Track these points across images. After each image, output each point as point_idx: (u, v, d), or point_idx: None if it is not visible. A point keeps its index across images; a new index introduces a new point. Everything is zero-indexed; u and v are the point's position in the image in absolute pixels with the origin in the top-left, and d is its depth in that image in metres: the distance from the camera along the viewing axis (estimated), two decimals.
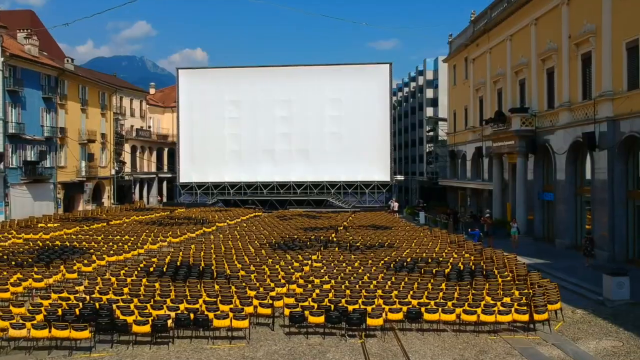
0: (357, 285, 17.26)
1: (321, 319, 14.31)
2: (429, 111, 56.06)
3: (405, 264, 21.15)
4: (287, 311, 14.70)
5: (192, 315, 13.89)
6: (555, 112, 28.14)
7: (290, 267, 20.27)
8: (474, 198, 41.26)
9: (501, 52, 35.88)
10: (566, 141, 26.78)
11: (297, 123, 58.98)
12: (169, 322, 13.66)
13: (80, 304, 14.74)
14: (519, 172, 30.86)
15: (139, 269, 19.69)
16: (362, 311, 14.49)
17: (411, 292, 16.40)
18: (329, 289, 17.10)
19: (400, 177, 65.19)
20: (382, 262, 21.55)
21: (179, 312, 14.14)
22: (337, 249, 25.68)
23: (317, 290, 16.66)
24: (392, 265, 20.87)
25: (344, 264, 21.11)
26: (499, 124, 32.72)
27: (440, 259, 22.36)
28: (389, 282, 17.85)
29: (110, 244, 26.27)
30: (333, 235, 30.95)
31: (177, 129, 61.09)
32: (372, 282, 17.81)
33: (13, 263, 20.56)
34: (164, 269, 19.53)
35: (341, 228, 35.31)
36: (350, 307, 14.85)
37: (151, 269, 19.72)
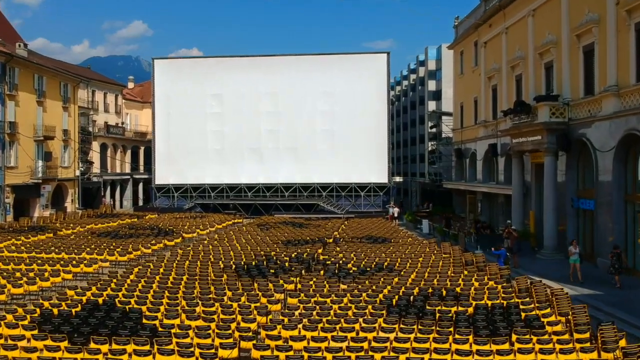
0: (344, 345, 11.57)
1: None
2: (431, 105, 50.46)
3: (412, 300, 15.50)
4: None
5: None
6: (597, 99, 22.51)
7: (253, 306, 14.55)
8: (486, 204, 35.60)
9: (521, 31, 30.25)
10: (613, 135, 21.14)
11: (285, 119, 53.24)
12: None
13: None
14: (547, 174, 25.21)
15: (35, 314, 13.89)
16: None
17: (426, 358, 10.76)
18: (301, 349, 11.45)
19: (398, 179, 59.51)
20: (381, 296, 15.89)
21: None
22: (322, 272, 20.03)
23: (283, 357, 10.96)
24: (394, 302, 15.22)
25: (328, 301, 15.41)
26: (520, 116, 27.08)
27: (458, 290, 16.71)
28: (391, 336, 12.16)
29: (30, 267, 20.47)
30: (320, 251, 25.25)
31: (153, 126, 55.25)
32: (368, 336, 12.13)
33: None
34: (72, 314, 13.77)
35: (331, 240, 29.61)
36: None
37: (55, 312, 13.98)
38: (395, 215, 42.57)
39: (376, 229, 34.24)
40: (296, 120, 52.98)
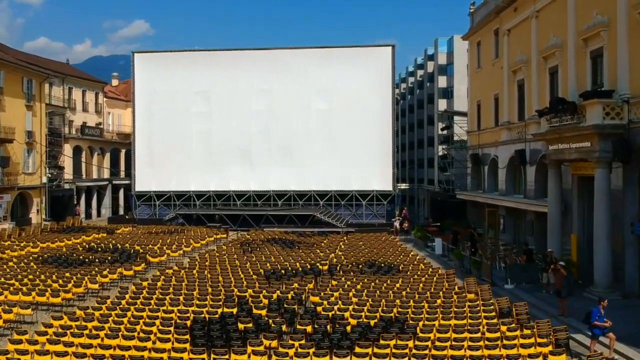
0: None
1: None
2: (442, 104, 45.08)
3: None
4: None
5: None
6: None
7: None
8: (511, 220, 30.22)
9: (557, 14, 24.89)
10: None
11: (278, 119, 47.97)
12: None
13: None
14: (598, 191, 19.83)
15: None
16: None
17: None
18: None
19: (404, 186, 54.13)
20: None
21: None
22: (310, 328, 14.73)
23: None
24: None
25: None
26: (561, 117, 21.69)
27: None
28: None
29: None
30: (310, 287, 19.96)
31: (133, 127, 49.99)
32: None
33: None
34: None
35: (326, 268, 24.32)
36: None
37: None
38: (405, 227, 37.28)
39: (380, 250, 29.00)
40: (291, 121, 47.74)
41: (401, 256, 27.25)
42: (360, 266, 24.40)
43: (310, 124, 47.71)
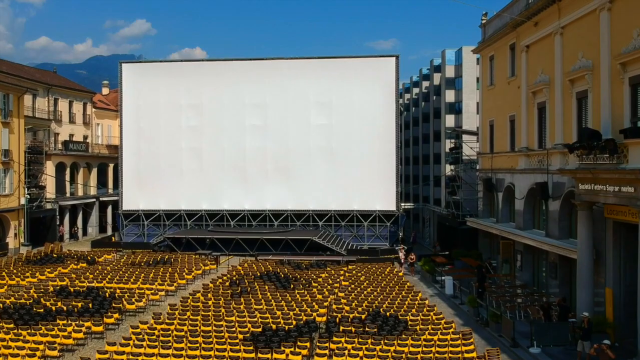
0: None
1: None
2: (449, 120, 42.05)
3: None
4: None
5: None
6: None
7: None
8: (529, 258, 27.22)
9: (586, 31, 21.92)
10: None
11: (274, 134, 45.13)
12: None
13: None
14: None
15: None
16: None
17: None
18: None
19: (409, 205, 51.14)
20: None
21: None
22: None
23: None
24: None
25: None
26: (596, 154, 18.71)
27: None
28: None
29: None
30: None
31: (120, 142, 47.08)
32: None
33: None
34: None
35: (323, 320, 21.40)
36: None
37: None
38: (402, 261, 34.42)
39: (385, 289, 26.18)
40: (288, 136, 44.92)
41: (408, 300, 24.35)
42: (364, 316, 21.56)
43: (309, 139, 44.83)
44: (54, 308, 22.37)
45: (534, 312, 21.72)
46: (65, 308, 22.45)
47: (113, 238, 46.08)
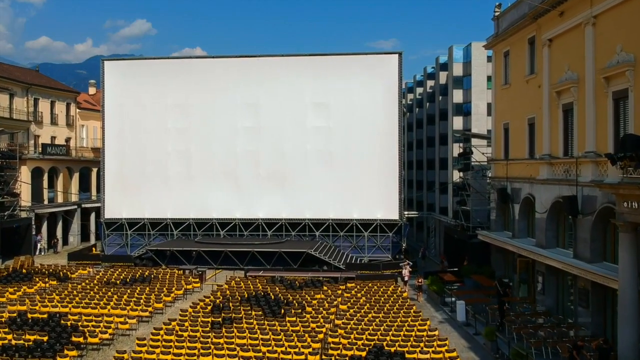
0: None
1: None
2: (457, 122, 38.82)
3: None
4: None
5: None
6: None
7: None
8: (552, 280, 23.89)
9: (624, 20, 18.66)
10: None
11: (268, 137, 41.88)
12: None
13: None
14: None
15: None
16: None
17: None
18: None
19: (412, 214, 47.81)
20: None
21: None
22: None
23: None
24: None
25: None
26: None
27: None
28: None
29: None
30: None
31: (102, 145, 43.85)
32: None
33: None
34: None
35: None
36: None
37: None
38: (406, 279, 31.16)
39: (388, 315, 22.98)
40: (282, 139, 41.65)
41: (415, 330, 21.12)
42: (364, 354, 18.31)
43: (305, 142, 41.60)
44: (0, 344, 19.09)
45: (564, 351, 18.43)
46: (14, 343, 19.18)
47: (94, 249, 42.87)
